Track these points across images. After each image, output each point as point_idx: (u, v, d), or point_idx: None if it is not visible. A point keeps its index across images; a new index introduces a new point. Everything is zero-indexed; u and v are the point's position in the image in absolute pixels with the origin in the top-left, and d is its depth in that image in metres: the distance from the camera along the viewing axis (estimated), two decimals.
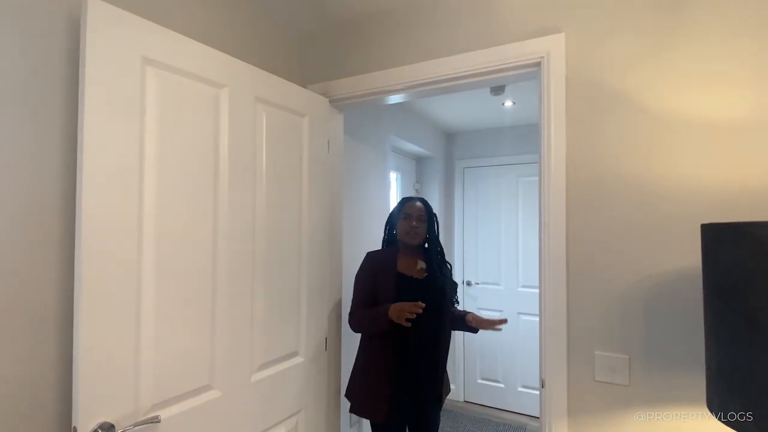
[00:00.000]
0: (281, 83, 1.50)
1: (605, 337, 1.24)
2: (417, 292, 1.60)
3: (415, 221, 1.66)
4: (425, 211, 1.70)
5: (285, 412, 1.50)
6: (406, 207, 1.70)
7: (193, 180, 1.20)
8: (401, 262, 1.67)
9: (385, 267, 1.66)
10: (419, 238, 1.67)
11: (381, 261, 1.68)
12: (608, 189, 1.25)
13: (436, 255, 1.73)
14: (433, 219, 1.73)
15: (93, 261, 0.97)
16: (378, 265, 1.67)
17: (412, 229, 1.66)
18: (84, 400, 0.95)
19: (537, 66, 1.39)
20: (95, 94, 0.98)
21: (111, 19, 1.01)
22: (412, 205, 1.70)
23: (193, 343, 1.19)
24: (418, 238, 1.67)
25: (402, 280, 1.63)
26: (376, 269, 1.67)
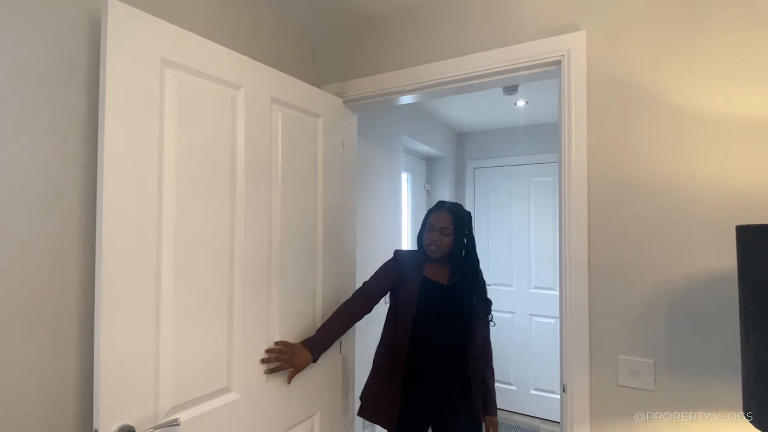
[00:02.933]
0: (296, 84, 1.49)
1: (629, 340, 1.21)
2: (439, 297, 1.54)
3: (437, 234, 1.55)
4: (452, 223, 1.54)
5: (301, 415, 1.49)
6: (432, 217, 1.58)
7: (211, 182, 1.20)
8: (429, 267, 1.60)
9: (411, 268, 1.59)
10: (440, 252, 1.55)
11: (408, 262, 1.61)
12: (632, 190, 1.22)
13: (464, 267, 1.59)
14: (464, 231, 1.57)
15: (113, 265, 0.97)
16: (404, 265, 1.61)
17: (433, 242, 1.55)
18: (105, 403, 0.95)
19: (556, 65, 1.36)
20: (115, 95, 0.98)
21: (131, 21, 1.01)
22: (438, 216, 1.56)
23: (210, 346, 1.19)
24: (439, 253, 1.55)
25: (426, 284, 1.56)
26: (400, 269, 1.60)
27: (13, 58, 0.92)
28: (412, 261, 1.62)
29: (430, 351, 1.54)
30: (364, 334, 2.00)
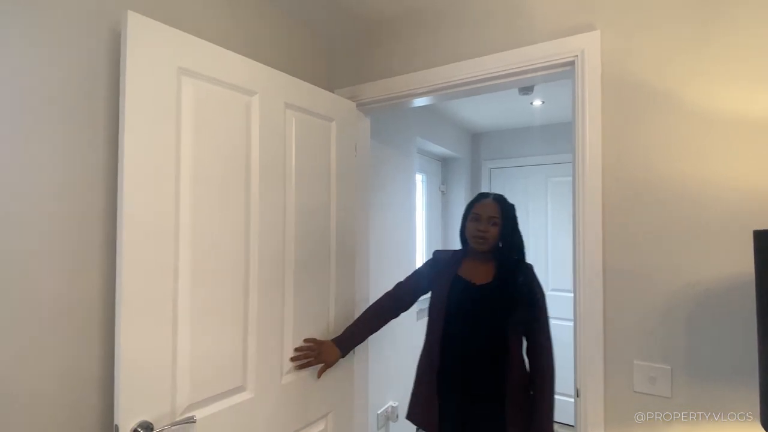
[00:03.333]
0: (309, 89, 1.51)
1: (645, 346, 1.18)
2: (470, 298, 1.42)
3: (484, 224, 1.41)
4: (499, 212, 1.42)
5: (314, 414, 1.51)
6: (477, 206, 1.45)
7: (226, 186, 1.23)
8: (466, 265, 1.48)
9: (445, 268, 1.50)
10: (487, 244, 1.41)
11: (443, 262, 1.53)
12: (648, 192, 1.20)
13: (511, 261, 1.44)
14: (512, 222, 1.45)
15: (133, 266, 1.00)
16: (439, 265, 1.53)
17: (480, 233, 1.41)
18: (125, 399, 0.98)
19: (570, 65, 1.35)
20: (134, 104, 1.02)
21: (149, 32, 1.05)
22: (484, 204, 1.44)
23: (226, 345, 1.22)
24: (486, 245, 1.41)
25: (457, 284, 1.45)
26: (436, 269, 1.53)
27: (41, 70, 0.96)
28: (448, 260, 1.52)
29: (462, 360, 1.41)
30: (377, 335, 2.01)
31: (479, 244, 1.42)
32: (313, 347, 1.44)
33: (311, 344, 1.45)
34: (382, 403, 2.32)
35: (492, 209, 1.43)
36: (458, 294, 1.43)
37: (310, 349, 1.44)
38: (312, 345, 1.44)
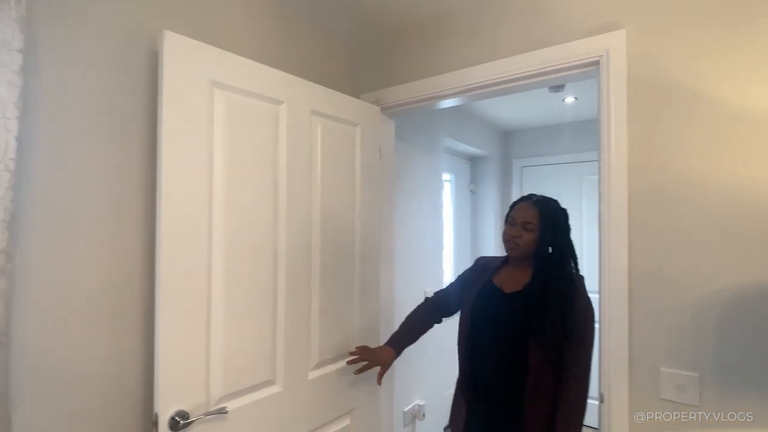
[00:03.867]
0: (334, 95, 1.56)
1: (672, 353, 1.15)
2: (495, 306, 1.34)
3: (517, 229, 1.31)
4: (537, 218, 1.29)
5: (340, 409, 1.57)
6: (515, 209, 1.36)
7: (256, 191, 1.30)
8: (504, 271, 1.40)
9: (480, 273, 1.45)
10: (518, 249, 1.31)
11: (481, 267, 1.48)
12: (676, 194, 1.16)
13: (551, 271, 1.29)
14: (553, 228, 1.30)
15: (169, 268, 1.09)
16: (476, 270, 1.49)
17: (512, 238, 1.32)
18: (163, 390, 1.07)
19: (595, 65, 1.32)
20: (171, 116, 1.10)
21: (184, 49, 1.13)
22: (520, 208, 1.34)
23: (256, 342, 1.29)
24: (517, 250, 1.32)
25: (485, 290, 1.38)
26: (472, 275, 1.49)
27: (86, 89, 1.06)
28: (487, 265, 1.46)
29: (484, 369, 1.35)
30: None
31: (509, 249, 1.35)
32: (365, 350, 1.46)
33: (363, 348, 1.47)
34: (408, 401, 2.36)
35: (528, 214, 1.31)
36: (484, 301, 1.37)
37: (363, 352, 1.45)
38: (364, 348, 1.47)
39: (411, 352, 1.72)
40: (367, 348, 1.48)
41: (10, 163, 0.81)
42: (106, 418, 1.08)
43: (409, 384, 2.32)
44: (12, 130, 0.81)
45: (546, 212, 1.32)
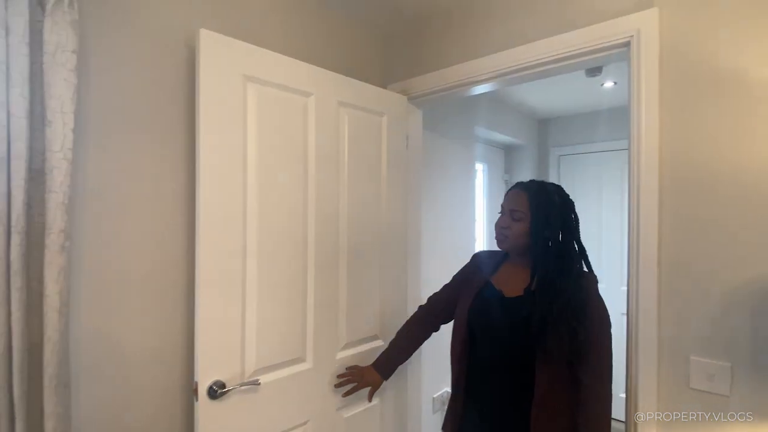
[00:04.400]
0: (361, 86, 1.61)
1: (702, 341, 1.12)
2: (495, 314, 1.17)
3: (506, 219, 1.18)
4: (527, 205, 1.14)
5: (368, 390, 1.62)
6: (504, 198, 1.22)
7: (286, 179, 1.37)
8: (504, 270, 1.25)
9: (477, 272, 1.30)
10: (508, 242, 1.18)
11: (478, 264, 1.33)
12: (709, 180, 1.12)
13: (548, 267, 1.12)
14: (546, 216, 1.13)
15: (208, 250, 1.18)
16: (472, 268, 1.35)
17: (501, 229, 1.19)
18: (202, 362, 1.17)
19: (626, 46, 1.28)
20: (208, 109, 1.18)
21: (218, 45, 1.21)
22: (509, 195, 1.20)
23: (287, 320, 1.37)
24: (507, 243, 1.19)
25: (483, 294, 1.22)
26: (468, 274, 1.34)
27: (134, 81, 1.16)
28: (485, 262, 1.31)
29: (483, 392, 1.20)
30: None
31: (499, 242, 1.21)
32: (354, 372, 1.44)
33: (352, 370, 1.45)
34: (438, 388, 2.39)
35: (515, 201, 1.16)
36: (481, 307, 1.20)
37: (352, 374, 1.44)
38: (354, 371, 1.44)
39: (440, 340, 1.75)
40: (356, 368, 1.45)
41: (68, 152, 0.91)
42: (153, 385, 1.19)
43: (438, 371, 2.34)
44: (68, 123, 0.91)
45: (537, 198, 1.15)
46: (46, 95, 0.90)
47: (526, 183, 1.20)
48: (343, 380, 1.45)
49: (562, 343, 1.04)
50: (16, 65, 0.84)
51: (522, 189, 1.18)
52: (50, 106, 0.89)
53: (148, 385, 1.18)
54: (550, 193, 1.16)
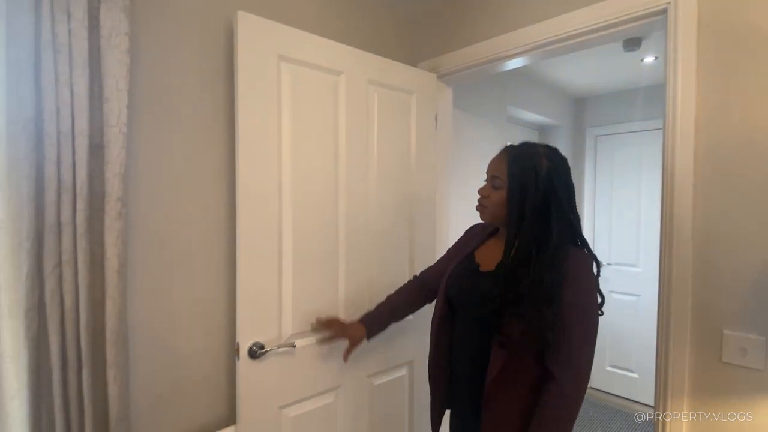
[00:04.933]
0: (390, 65, 1.63)
1: (736, 315, 1.10)
2: (466, 288, 1.09)
3: (486, 187, 1.08)
4: (505, 171, 1.02)
5: (397, 360, 1.69)
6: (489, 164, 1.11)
7: (318, 155, 1.43)
8: (489, 244, 1.16)
9: (465, 245, 1.24)
10: (487, 212, 1.08)
11: (470, 237, 1.28)
12: (745, 152, 1.08)
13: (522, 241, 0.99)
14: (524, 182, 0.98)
15: (248, 222, 1.26)
16: (466, 240, 1.29)
17: (480, 199, 1.09)
18: (243, 325, 1.26)
19: (663, 14, 1.24)
20: (245, 88, 1.25)
21: (255, 27, 1.26)
22: (491, 162, 1.09)
23: (320, 291, 1.44)
24: (486, 213, 1.08)
25: (461, 267, 1.15)
26: (461, 246, 1.29)
27: (177, 61, 1.24)
28: (476, 236, 1.23)
29: (449, 366, 1.15)
30: None
31: (480, 212, 1.11)
32: (335, 321, 1.33)
33: (333, 319, 1.34)
34: None
35: (496, 166, 1.05)
36: (457, 279, 1.14)
37: (333, 323, 1.32)
38: (334, 319, 1.34)
39: None
40: (337, 320, 1.34)
41: (123, 127, 1.00)
42: (199, 345, 1.30)
43: None
44: (123, 100, 1.00)
45: (516, 163, 1.01)
46: (103, 74, 0.99)
47: (511, 146, 1.07)
48: (320, 325, 1.32)
49: (519, 326, 0.93)
50: (77, 48, 0.93)
51: (504, 153, 1.05)
52: (107, 85, 0.98)
53: (195, 345, 1.29)
54: (534, 156, 1.00)
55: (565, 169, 1.02)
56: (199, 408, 1.30)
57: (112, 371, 1.00)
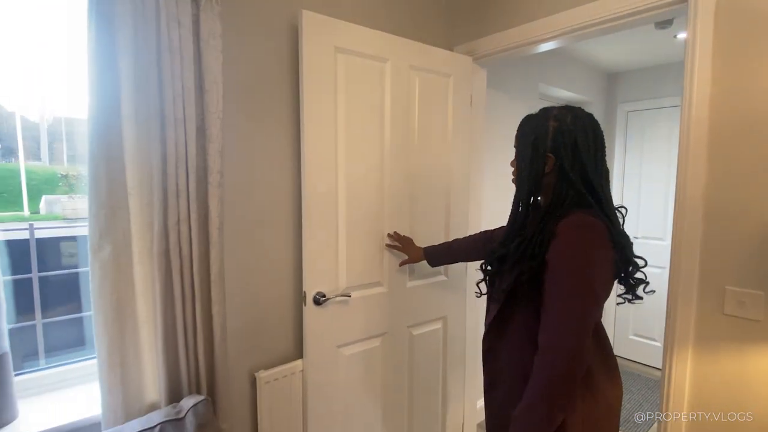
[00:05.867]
0: (430, 51, 1.80)
1: (739, 273, 1.26)
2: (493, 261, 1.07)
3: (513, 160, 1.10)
4: (517, 137, 1.05)
5: (433, 315, 1.93)
6: None
7: (367, 133, 1.64)
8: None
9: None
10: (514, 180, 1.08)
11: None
12: (755, 127, 1.21)
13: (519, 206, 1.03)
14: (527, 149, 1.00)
15: (311, 192, 1.50)
16: None
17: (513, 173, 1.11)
18: (308, 277, 1.52)
19: (685, 2, 1.36)
20: (308, 76, 1.47)
21: (316, 23, 1.47)
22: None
23: (368, 252, 1.68)
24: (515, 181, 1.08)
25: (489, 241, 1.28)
26: None
27: (253, 55, 1.46)
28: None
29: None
30: None
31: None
32: (405, 239, 1.68)
33: (405, 237, 1.69)
34: None
35: (516, 137, 1.06)
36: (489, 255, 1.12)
37: (402, 239, 1.68)
38: (405, 237, 1.68)
39: None
40: (407, 238, 1.71)
41: (220, 113, 1.24)
42: (273, 292, 1.57)
43: None
44: (219, 91, 1.24)
45: (520, 129, 1.03)
46: (203, 70, 1.22)
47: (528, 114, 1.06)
48: (392, 239, 1.70)
49: (507, 280, 0.97)
50: (185, 50, 1.17)
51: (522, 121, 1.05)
52: (207, 79, 1.22)
53: (269, 290, 1.56)
54: (540, 119, 0.99)
55: (575, 128, 0.96)
56: (272, 342, 1.58)
57: (216, 306, 1.28)
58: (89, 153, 1.09)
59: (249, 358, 1.51)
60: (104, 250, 1.11)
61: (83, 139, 1.11)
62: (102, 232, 1.10)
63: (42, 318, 1.51)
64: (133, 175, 1.15)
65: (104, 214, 1.10)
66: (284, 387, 1.52)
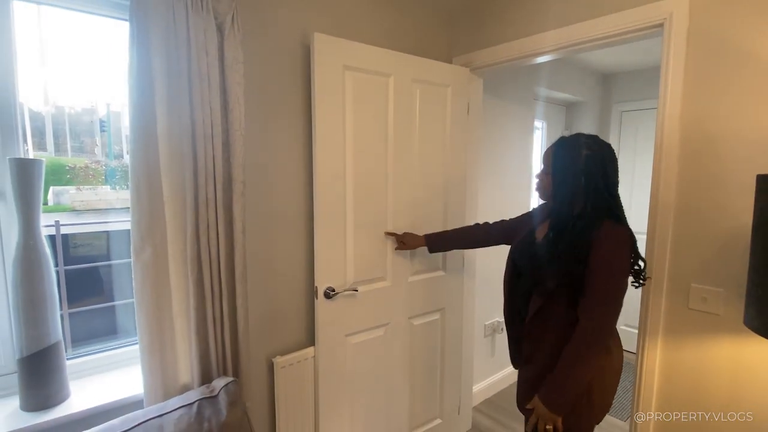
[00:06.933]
0: (430, 64, 1.95)
1: (703, 272, 1.42)
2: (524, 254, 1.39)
3: (540, 173, 1.36)
4: (550, 156, 1.29)
5: (432, 306, 2.11)
6: None
7: (372, 142, 1.79)
8: (545, 223, 1.39)
9: (531, 220, 1.55)
10: (540, 193, 1.36)
11: (536, 213, 1.55)
12: (717, 143, 1.37)
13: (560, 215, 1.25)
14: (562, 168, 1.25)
15: (322, 196, 1.66)
16: (531, 215, 1.59)
17: (537, 183, 1.37)
18: (319, 273, 1.69)
19: (661, 26, 1.50)
20: (319, 93, 1.62)
21: (327, 44, 1.61)
22: (545, 152, 1.35)
23: (373, 250, 1.85)
24: (540, 193, 1.36)
25: (524, 238, 1.44)
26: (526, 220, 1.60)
27: (269, 74, 1.61)
28: (536, 214, 1.52)
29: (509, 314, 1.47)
30: (483, 254, 2.47)
31: (539, 196, 1.39)
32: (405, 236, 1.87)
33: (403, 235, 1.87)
34: (490, 317, 2.83)
35: (546, 155, 1.32)
36: (519, 247, 1.43)
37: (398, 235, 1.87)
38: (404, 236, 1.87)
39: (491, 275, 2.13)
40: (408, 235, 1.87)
41: (243, 130, 1.40)
42: (287, 286, 1.74)
43: (492, 302, 2.77)
44: (241, 111, 1.39)
45: (557, 152, 1.26)
46: (227, 92, 1.37)
47: (561, 138, 1.30)
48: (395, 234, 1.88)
49: (553, 280, 1.21)
50: (212, 76, 1.32)
51: (553, 145, 1.30)
52: (231, 100, 1.37)
53: (284, 286, 1.73)
54: (574, 146, 1.22)
55: (602, 157, 1.22)
56: (287, 332, 1.76)
57: (240, 299, 1.45)
58: (131, 168, 1.25)
59: (267, 346, 1.69)
60: (145, 252, 1.28)
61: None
62: (144, 237, 1.27)
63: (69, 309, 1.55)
64: (168, 187, 1.31)
65: (145, 221, 1.27)
66: (298, 371, 1.71)
